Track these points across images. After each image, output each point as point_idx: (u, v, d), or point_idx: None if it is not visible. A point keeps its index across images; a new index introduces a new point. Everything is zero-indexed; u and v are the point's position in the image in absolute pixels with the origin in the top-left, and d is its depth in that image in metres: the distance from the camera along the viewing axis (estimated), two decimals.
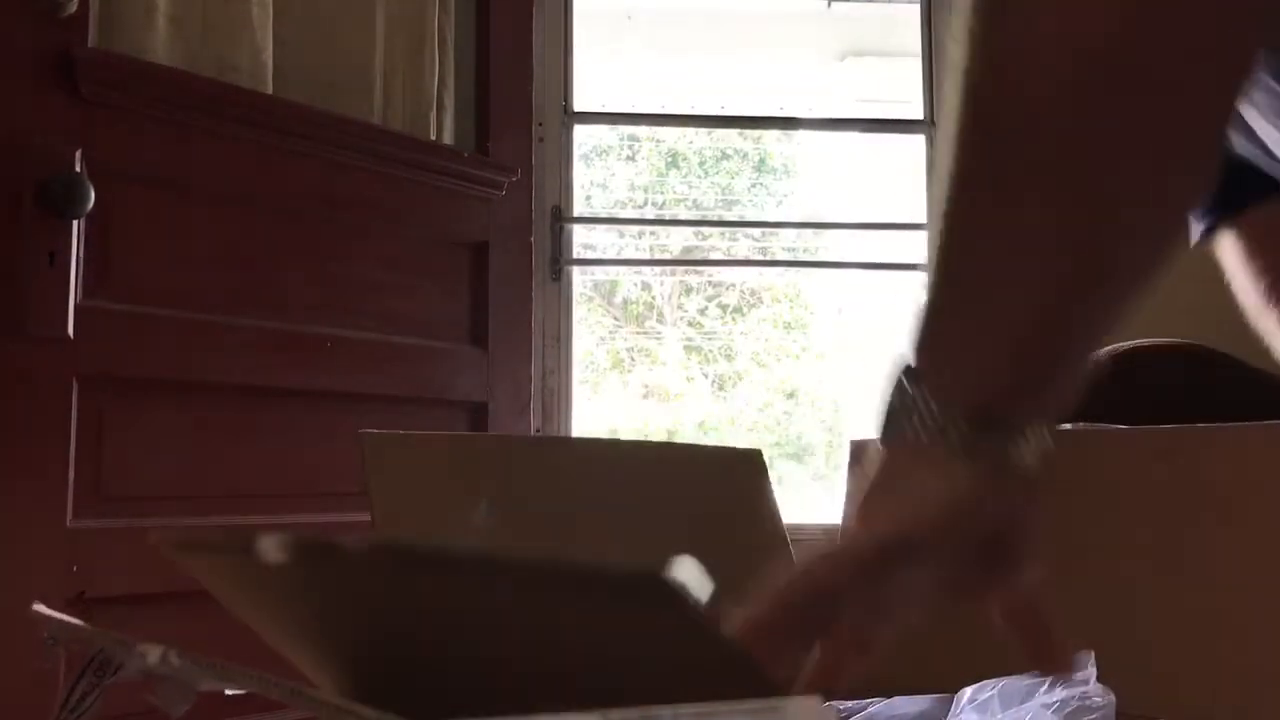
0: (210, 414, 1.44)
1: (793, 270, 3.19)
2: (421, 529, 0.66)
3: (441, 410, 1.72)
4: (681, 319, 4.11)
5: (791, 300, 4.06)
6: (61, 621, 0.45)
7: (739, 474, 0.98)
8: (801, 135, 3.36)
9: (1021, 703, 0.60)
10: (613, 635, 0.30)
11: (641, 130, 3.62)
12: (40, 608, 0.47)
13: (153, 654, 0.38)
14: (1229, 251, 0.79)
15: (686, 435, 3.86)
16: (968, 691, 0.63)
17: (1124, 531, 0.76)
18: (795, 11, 2.69)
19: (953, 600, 0.47)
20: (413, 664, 0.37)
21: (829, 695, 0.48)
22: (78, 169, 1.30)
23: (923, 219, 2.25)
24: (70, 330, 1.29)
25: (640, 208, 3.92)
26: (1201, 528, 0.75)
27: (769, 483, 1.02)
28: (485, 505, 0.34)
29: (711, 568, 0.36)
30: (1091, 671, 0.57)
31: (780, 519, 1.00)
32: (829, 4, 2.47)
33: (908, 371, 0.48)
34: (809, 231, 2.96)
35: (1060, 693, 0.58)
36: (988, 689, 0.63)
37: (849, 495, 1.11)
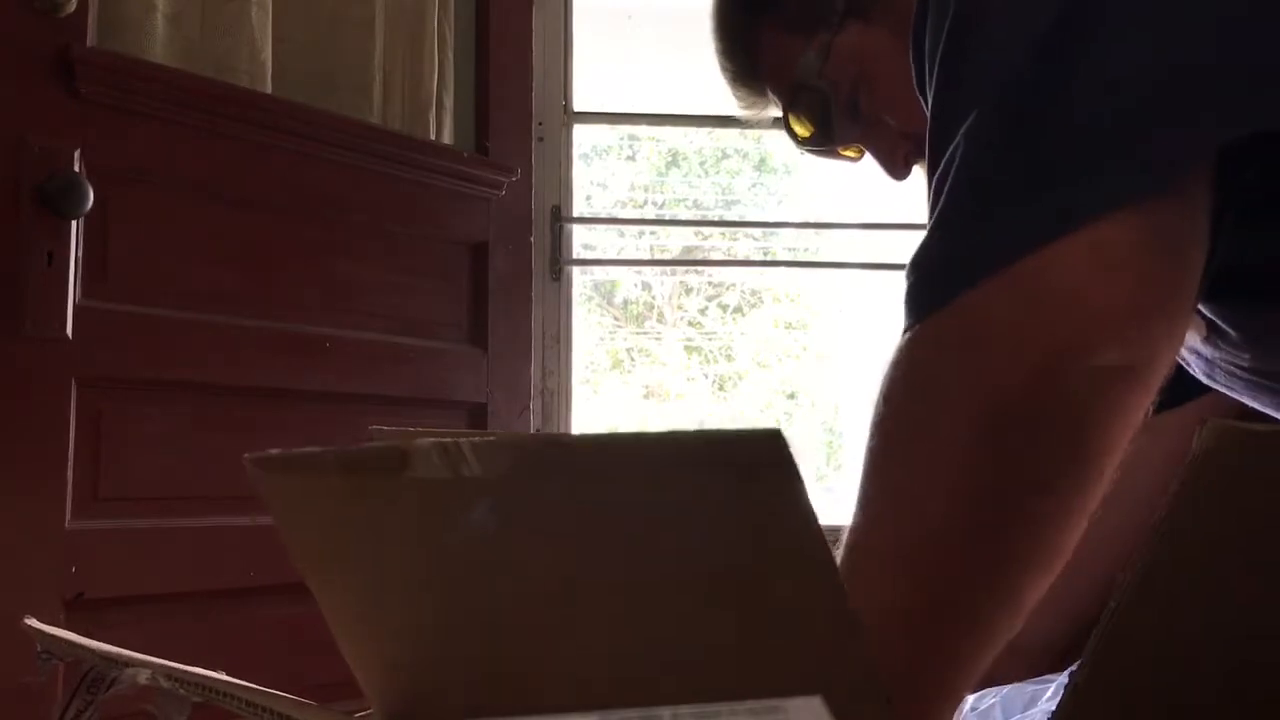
0: (210, 415, 1.44)
1: (793, 270, 3.19)
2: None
3: (441, 410, 1.71)
4: (681, 319, 4.11)
5: (792, 300, 4.05)
6: (54, 635, 0.44)
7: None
8: None
9: (1024, 710, 0.59)
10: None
11: (641, 130, 3.62)
12: (33, 622, 0.46)
13: (142, 674, 0.38)
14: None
15: None
16: (969, 699, 0.62)
17: None
18: None
19: None
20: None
21: None
22: (76, 168, 1.30)
23: (923, 219, 2.25)
24: (69, 330, 1.29)
25: (640, 208, 3.91)
26: None
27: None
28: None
29: (729, 564, 0.35)
30: None
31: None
32: None
33: None
34: (809, 231, 2.95)
35: None
36: (989, 696, 0.62)
37: None
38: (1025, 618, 0.50)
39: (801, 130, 0.83)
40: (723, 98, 0.91)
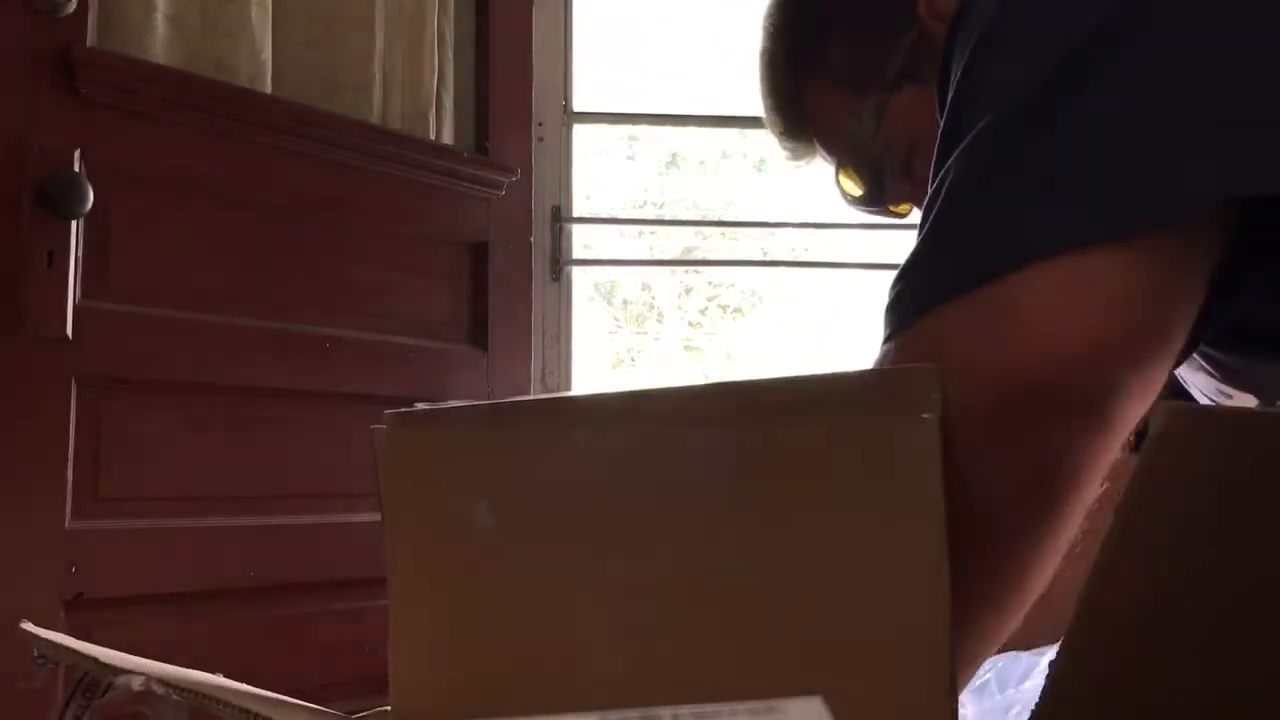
0: (209, 414, 1.44)
1: (793, 270, 3.18)
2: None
3: None
4: (681, 319, 4.11)
5: (792, 300, 4.05)
6: (50, 640, 0.44)
7: None
8: None
9: (1019, 683, 0.59)
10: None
11: (641, 130, 3.62)
12: (29, 626, 0.46)
13: (136, 681, 0.38)
14: None
15: None
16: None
17: None
18: None
19: None
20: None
21: None
22: (76, 169, 1.30)
23: None
24: (69, 330, 1.29)
25: (640, 207, 3.91)
26: None
27: None
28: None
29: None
30: None
31: None
32: None
33: None
34: (809, 231, 2.95)
35: None
36: (984, 672, 0.62)
37: None
38: (996, 649, 0.49)
39: (852, 189, 0.82)
40: (722, 97, 0.90)
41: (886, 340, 0.52)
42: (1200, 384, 0.67)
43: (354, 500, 1.53)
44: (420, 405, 0.38)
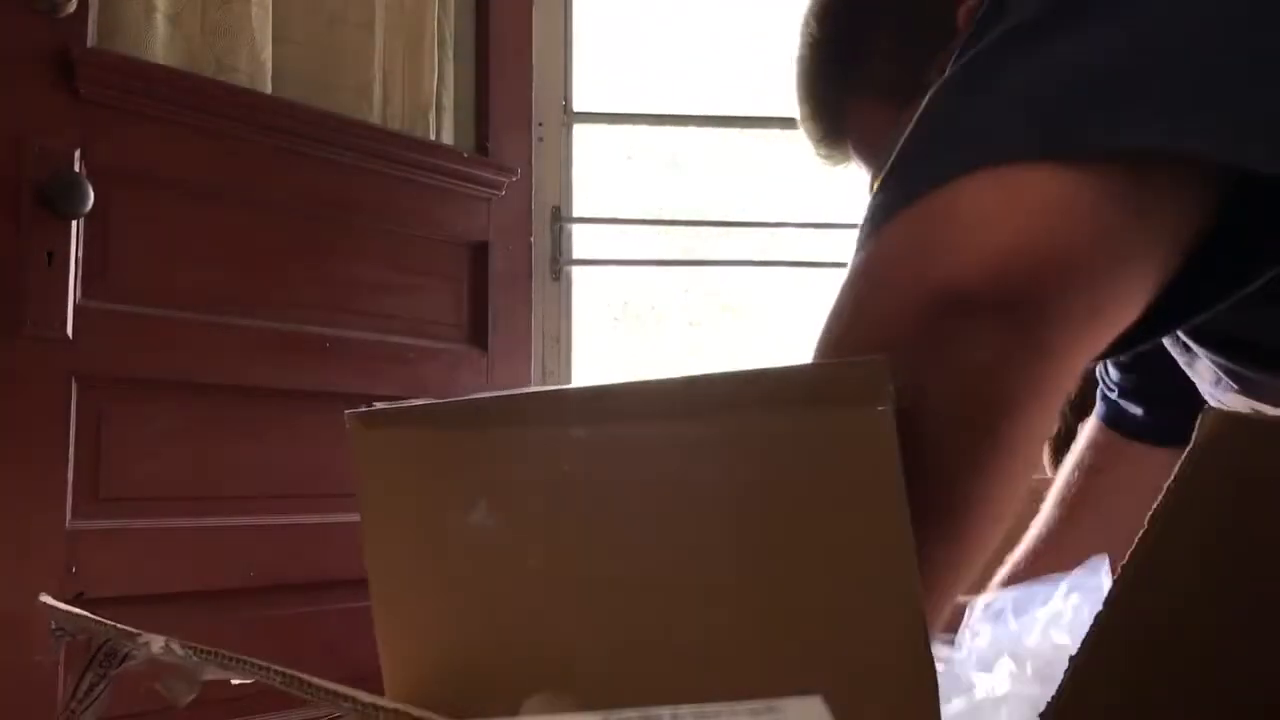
0: (209, 414, 1.44)
1: (794, 270, 3.18)
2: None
3: None
4: (681, 319, 4.10)
5: (792, 300, 4.05)
6: (68, 612, 0.45)
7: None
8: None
9: (1034, 611, 0.59)
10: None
11: (642, 130, 3.62)
12: (46, 599, 0.47)
13: (156, 644, 0.38)
14: None
15: None
16: (980, 602, 0.62)
17: None
18: (797, 11, 2.67)
19: None
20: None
21: None
22: (77, 169, 1.30)
23: None
24: (69, 330, 1.29)
25: (641, 208, 3.91)
26: None
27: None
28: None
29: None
30: (1107, 579, 0.55)
31: None
32: None
33: None
34: (809, 231, 2.95)
35: (1075, 599, 0.56)
36: (999, 602, 0.62)
37: None
38: (962, 583, 0.48)
39: None
40: (723, 98, 0.90)
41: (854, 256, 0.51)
42: (1230, 403, 0.67)
43: (353, 500, 1.53)
44: (378, 404, 0.38)
